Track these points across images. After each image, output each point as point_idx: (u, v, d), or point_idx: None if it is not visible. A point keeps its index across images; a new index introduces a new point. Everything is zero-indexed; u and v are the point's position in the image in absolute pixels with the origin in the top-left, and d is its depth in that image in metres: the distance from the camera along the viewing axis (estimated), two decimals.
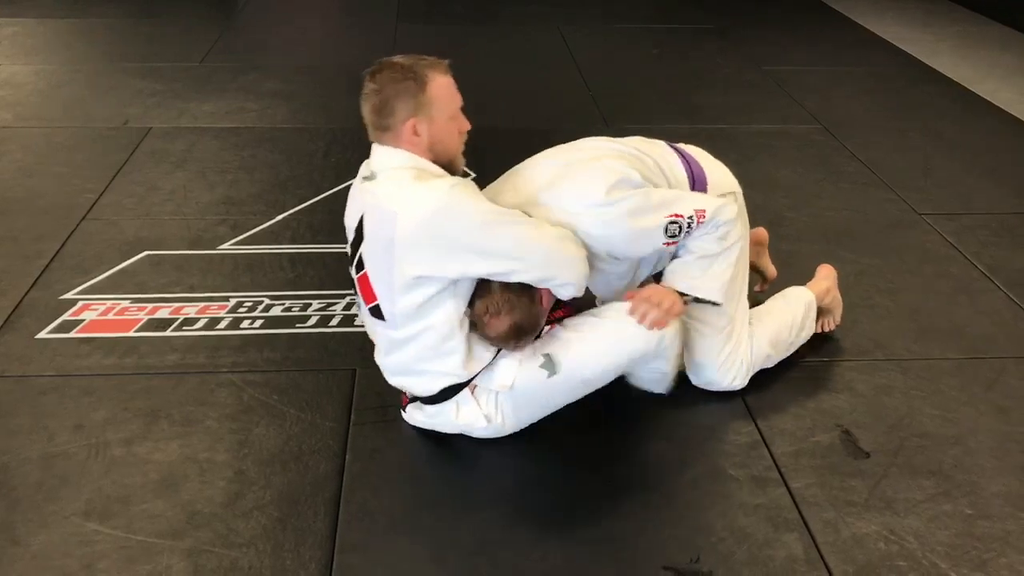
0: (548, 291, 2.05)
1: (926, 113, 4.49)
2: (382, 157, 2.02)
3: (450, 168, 2.05)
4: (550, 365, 2.09)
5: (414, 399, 2.17)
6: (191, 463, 2.11)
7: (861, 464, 2.16)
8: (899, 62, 5.34)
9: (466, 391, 2.09)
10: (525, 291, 2.01)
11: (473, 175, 3.49)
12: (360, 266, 2.05)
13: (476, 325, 2.03)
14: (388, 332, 2.07)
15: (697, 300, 2.19)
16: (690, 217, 2.10)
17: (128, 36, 5.43)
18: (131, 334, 2.56)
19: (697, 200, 2.16)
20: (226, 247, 3.05)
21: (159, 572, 1.83)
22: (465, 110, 2.09)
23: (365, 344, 2.53)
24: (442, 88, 2.03)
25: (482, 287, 2.00)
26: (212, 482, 2.06)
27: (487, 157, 3.24)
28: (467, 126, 2.08)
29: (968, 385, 2.45)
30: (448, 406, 2.11)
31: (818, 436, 2.25)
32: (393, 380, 2.17)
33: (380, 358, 2.18)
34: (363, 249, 2.02)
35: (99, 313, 2.64)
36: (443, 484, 2.09)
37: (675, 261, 2.22)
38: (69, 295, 2.73)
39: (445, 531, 1.95)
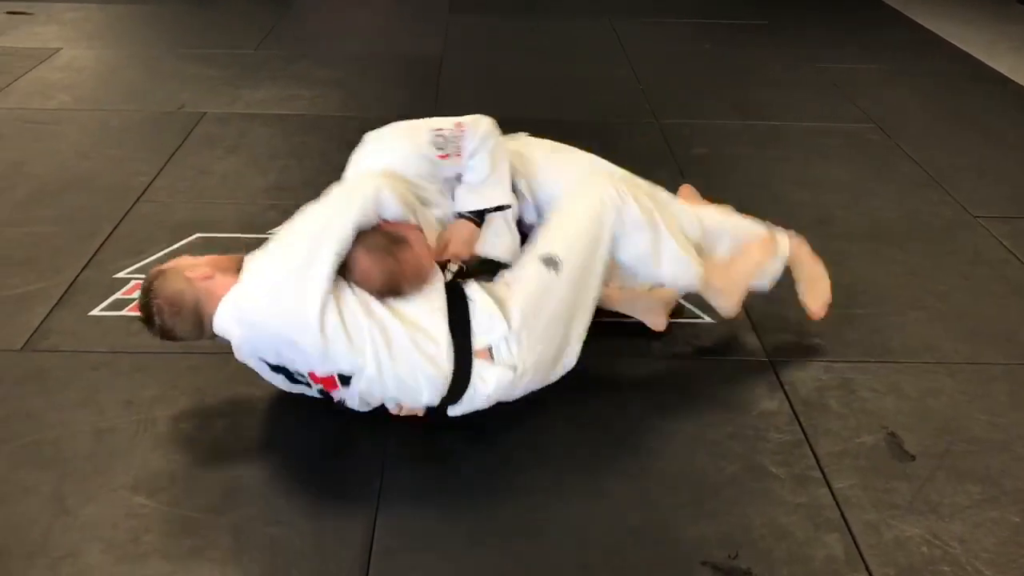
0: (409, 227, 2.12)
1: (984, 114, 4.39)
2: (218, 324, 2.06)
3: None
4: (550, 262, 2.17)
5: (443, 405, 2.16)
6: (236, 440, 2.15)
7: (906, 467, 2.13)
8: (957, 61, 5.23)
9: (478, 360, 2.09)
10: (374, 238, 2.06)
11: None
12: (296, 378, 2.11)
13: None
14: (370, 379, 2.06)
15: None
16: (451, 130, 2.25)
17: (185, 23, 5.52)
18: None
19: (451, 119, 2.30)
20: (275, 231, 3.08)
21: (203, 546, 1.86)
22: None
23: None
24: (178, 263, 2.13)
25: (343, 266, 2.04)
26: (257, 460, 2.09)
27: None
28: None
29: (1018, 390, 2.41)
30: (476, 387, 2.11)
31: (863, 437, 2.22)
32: (452, 410, 2.17)
33: (424, 402, 2.13)
34: (293, 368, 2.09)
35: None
36: (482, 469, 2.10)
37: (459, 189, 2.32)
38: (122, 274, 2.79)
39: (484, 515, 1.97)
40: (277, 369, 2.12)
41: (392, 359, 2.03)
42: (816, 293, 2.53)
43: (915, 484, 2.08)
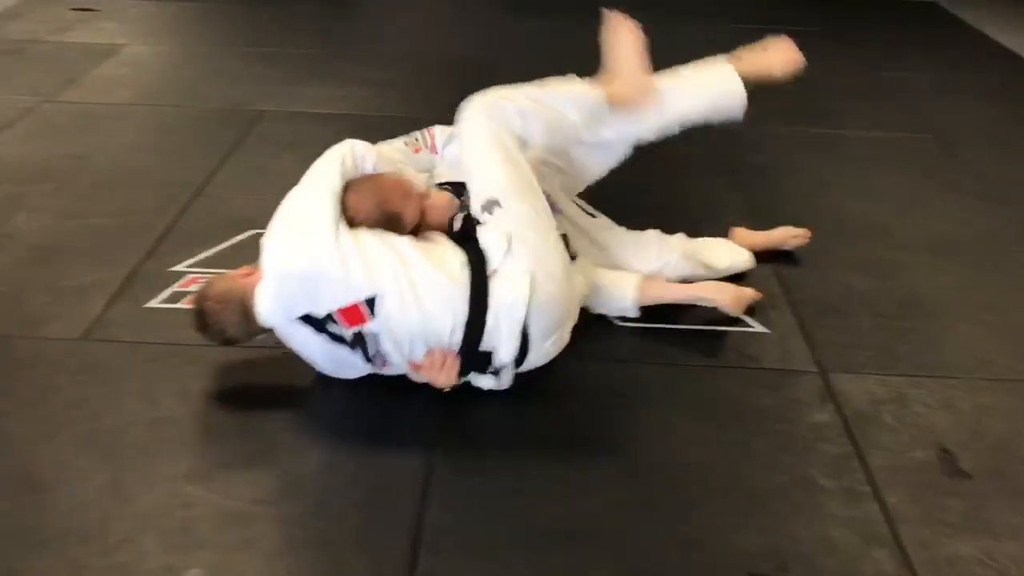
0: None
1: None
2: (257, 306, 2.20)
3: None
4: (490, 206, 2.24)
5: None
6: (289, 435, 2.18)
7: (960, 484, 2.10)
8: (1019, 71, 5.13)
9: (493, 280, 2.15)
10: (355, 181, 2.26)
11: None
12: (330, 329, 2.17)
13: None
14: (391, 309, 2.12)
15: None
16: (421, 131, 2.66)
17: (246, 21, 5.60)
18: None
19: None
20: None
21: (253, 538, 1.89)
22: None
23: None
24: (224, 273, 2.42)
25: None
26: (308, 455, 2.12)
27: None
28: None
29: None
30: (498, 313, 2.14)
31: (915, 452, 2.19)
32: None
33: (448, 333, 2.17)
34: (323, 313, 2.16)
35: None
36: (527, 473, 2.10)
37: (439, 166, 2.59)
38: (178, 268, 2.84)
39: (530, 519, 1.97)
40: (319, 327, 2.16)
41: (411, 282, 2.11)
42: (777, 55, 2.69)
43: (969, 502, 2.04)
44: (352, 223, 2.18)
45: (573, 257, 2.39)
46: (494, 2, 6.18)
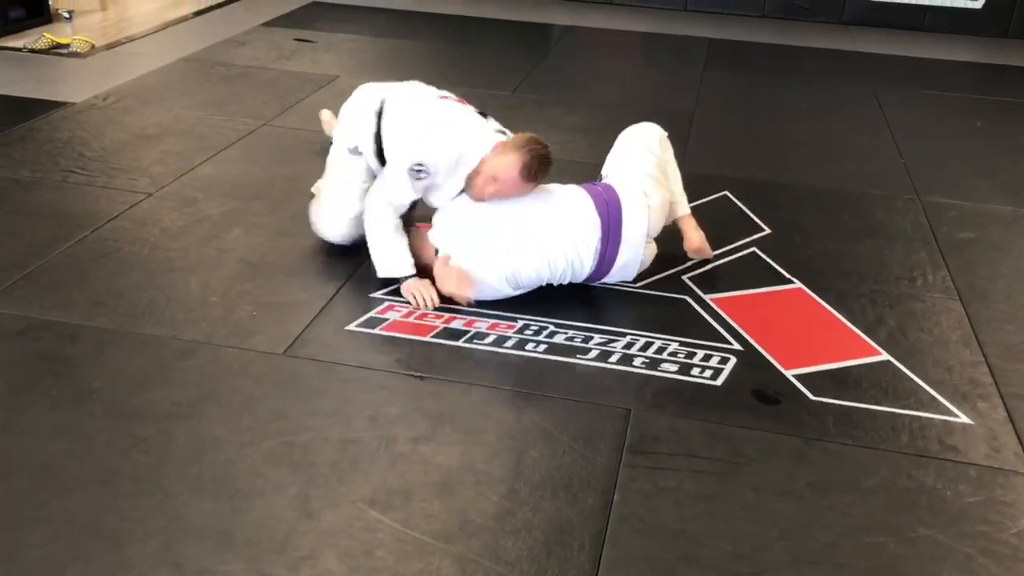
0: None
1: None
2: None
3: None
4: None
5: None
6: (469, 471, 2.21)
7: None
8: None
9: None
10: None
11: None
12: None
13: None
14: None
15: None
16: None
17: (450, 61, 5.80)
18: (427, 339, 2.72)
19: None
20: None
21: (430, 572, 1.92)
22: None
23: (642, 385, 2.55)
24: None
25: None
26: (486, 494, 2.14)
27: (783, 213, 3.16)
28: None
29: None
30: None
31: None
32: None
33: None
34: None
35: (402, 315, 2.83)
36: (711, 542, 2.04)
37: None
38: (377, 294, 2.95)
39: None
40: None
41: None
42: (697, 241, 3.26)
43: None
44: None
45: None
46: (694, 56, 6.15)
